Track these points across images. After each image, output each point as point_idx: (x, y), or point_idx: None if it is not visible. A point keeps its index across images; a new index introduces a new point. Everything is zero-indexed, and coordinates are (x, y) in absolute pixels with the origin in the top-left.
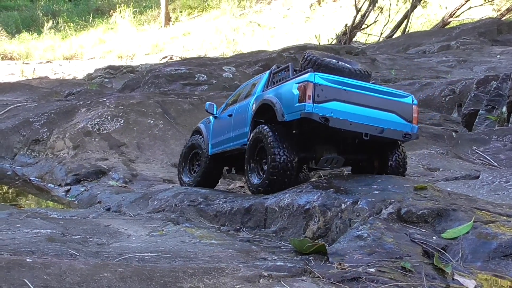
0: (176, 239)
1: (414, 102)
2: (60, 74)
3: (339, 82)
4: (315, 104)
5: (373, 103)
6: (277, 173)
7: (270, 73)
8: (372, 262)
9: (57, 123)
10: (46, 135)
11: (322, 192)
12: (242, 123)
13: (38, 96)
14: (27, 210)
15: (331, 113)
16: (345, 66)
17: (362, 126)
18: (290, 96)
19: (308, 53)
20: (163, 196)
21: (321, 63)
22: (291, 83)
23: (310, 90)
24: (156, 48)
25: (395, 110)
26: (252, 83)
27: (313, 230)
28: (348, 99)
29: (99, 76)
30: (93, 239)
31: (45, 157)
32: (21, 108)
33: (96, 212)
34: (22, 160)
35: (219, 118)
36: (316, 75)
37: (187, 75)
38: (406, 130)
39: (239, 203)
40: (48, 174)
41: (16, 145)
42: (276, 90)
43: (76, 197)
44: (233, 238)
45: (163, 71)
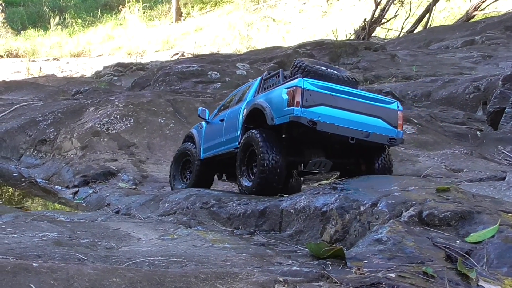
0: (188, 243)
1: (399, 109)
2: (67, 72)
3: (327, 87)
4: (303, 109)
5: (359, 108)
6: (267, 176)
7: (261, 79)
8: (392, 267)
9: (64, 122)
10: (53, 135)
11: (339, 194)
12: (233, 127)
13: (44, 95)
14: (33, 213)
15: (318, 117)
16: (333, 73)
17: (349, 130)
18: (279, 101)
19: (298, 60)
20: (174, 198)
21: (310, 70)
22: (281, 88)
23: (298, 95)
24: (166, 44)
25: (381, 116)
26: (243, 89)
27: (330, 234)
28: (335, 104)
29: (108, 74)
30: (101, 243)
31: (52, 158)
32: (27, 108)
33: (105, 215)
34: (28, 161)
35: (211, 123)
36: (305, 80)
37: (199, 73)
38: (391, 135)
39: (253, 206)
40: (55, 175)
41: (22, 146)
42: (266, 95)
43: (84, 199)
44: (247, 242)
45: (174, 69)
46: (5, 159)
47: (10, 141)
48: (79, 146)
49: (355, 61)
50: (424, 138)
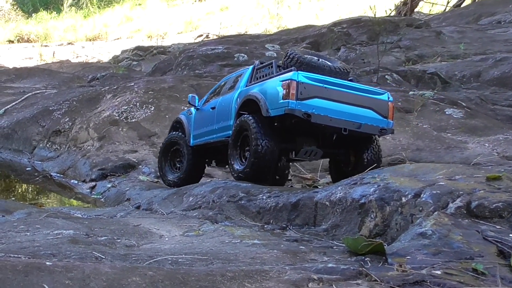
0: (214, 240)
1: (390, 99)
2: (82, 57)
3: (320, 80)
4: (298, 101)
5: (351, 100)
6: (259, 161)
7: (254, 68)
8: (438, 263)
9: (80, 111)
10: (68, 126)
11: (379, 184)
12: (226, 116)
13: (58, 82)
14: (47, 209)
15: (312, 109)
16: (326, 64)
17: (341, 122)
18: (274, 93)
19: (290, 51)
20: (199, 191)
21: (303, 61)
22: (276, 80)
23: (293, 88)
24: (189, 25)
25: (372, 107)
26: (235, 77)
27: (369, 228)
28: (329, 96)
29: (126, 59)
30: (121, 241)
31: (67, 150)
32: (39, 96)
33: (124, 210)
34: (41, 153)
35: (201, 110)
36: (299, 73)
37: (225, 55)
38: (382, 125)
39: (285, 198)
40: (70, 169)
41: (35, 137)
42: (260, 86)
43: (102, 194)
44: (278, 238)
45: (198, 51)
46: (17, 152)
47: (22, 133)
48: (96, 137)
49: (396, 40)
50: (473, 123)
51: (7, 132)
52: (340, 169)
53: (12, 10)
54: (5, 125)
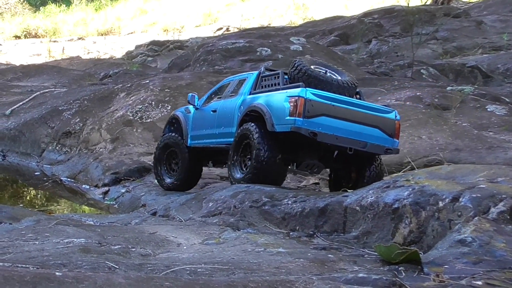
0: (236, 248)
1: (397, 118)
2: (94, 53)
3: (328, 97)
4: (305, 119)
5: (358, 118)
6: (260, 169)
7: (258, 74)
8: (479, 273)
9: (91, 111)
10: (79, 127)
11: (414, 187)
12: (228, 122)
13: (68, 80)
14: (57, 216)
15: (319, 127)
16: (333, 78)
17: (347, 140)
18: (281, 109)
19: (298, 61)
20: (219, 196)
21: (310, 75)
22: (283, 95)
23: (301, 105)
24: (208, 18)
25: (378, 125)
26: (238, 80)
27: (403, 234)
28: (336, 114)
29: (141, 54)
30: (135, 249)
31: (78, 152)
32: (48, 95)
33: (139, 217)
34: (51, 157)
35: (201, 110)
36: (307, 90)
37: (247, 50)
38: (388, 145)
39: (312, 203)
40: (82, 173)
41: (43, 139)
42: (266, 98)
43: (115, 200)
44: (305, 246)
45: (217, 46)
46: (24, 155)
47: (30, 134)
48: (108, 138)
49: (432, 31)
50: None
51: (14, 134)
52: (339, 184)
53: (18, 4)
54: (12, 127)
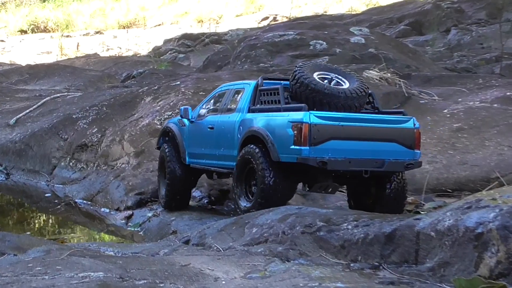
0: (285, 283)
1: (416, 126)
2: (114, 50)
3: (335, 118)
4: (311, 147)
5: (371, 135)
6: (268, 197)
7: (256, 87)
8: None
9: (111, 119)
10: (97, 138)
11: (501, 208)
12: (228, 143)
13: (84, 82)
14: (71, 245)
15: (328, 154)
16: (341, 89)
17: (362, 162)
18: (284, 136)
19: (298, 71)
20: (265, 220)
21: (313, 88)
22: (285, 119)
23: (305, 132)
24: (251, 5)
25: (396, 138)
26: (234, 90)
27: (489, 266)
28: (346, 135)
29: (170, 50)
30: (164, 285)
31: (96, 169)
32: (60, 101)
33: (169, 246)
34: (63, 174)
35: (197, 124)
36: (311, 114)
37: (297, 43)
38: (408, 158)
39: (377, 228)
40: (100, 194)
41: (54, 154)
42: (267, 121)
43: (140, 226)
44: (369, 280)
45: (262, 39)
46: (32, 172)
47: (39, 148)
48: (132, 152)
49: None
50: None
51: (20, 147)
52: (359, 201)
53: None
54: (17, 139)
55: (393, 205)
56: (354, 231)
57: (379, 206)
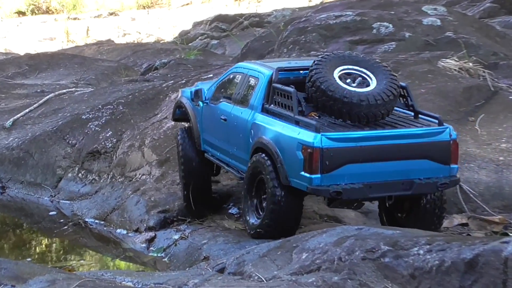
0: None
1: (452, 137)
2: (132, 35)
3: (352, 138)
4: (323, 175)
5: (397, 153)
6: (277, 218)
7: (270, 80)
8: None
9: (129, 121)
10: (111, 143)
11: None
12: (241, 144)
13: (95, 76)
14: (81, 274)
15: (344, 180)
16: (363, 96)
17: (385, 186)
18: (293, 158)
19: (315, 69)
20: (317, 243)
21: (331, 96)
22: (294, 136)
23: (316, 158)
24: None
25: (427, 154)
26: (249, 77)
27: None
28: (365, 157)
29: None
30: None
31: (111, 181)
32: (67, 98)
33: (200, 275)
34: (70, 188)
35: (210, 108)
36: (323, 136)
37: (357, 26)
38: (443, 175)
39: (455, 253)
40: (116, 211)
41: (60, 163)
42: (277, 134)
43: (165, 250)
44: None
45: (313, 21)
46: (33, 186)
47: (41, 156)
48: (155, 161)
49: None
50: None
51: (18, 155)
52: (392, 215)
53: None
54: (14, 145)
55: (429, 221)
56: (426, 257)
57: (413, 222)
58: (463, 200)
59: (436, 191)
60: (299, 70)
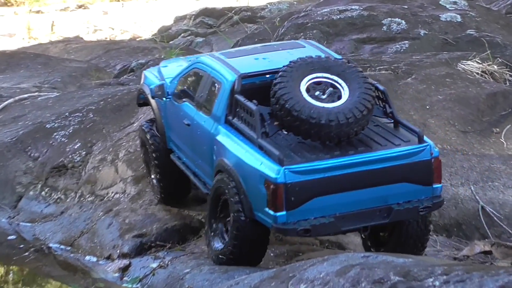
0: None
1: (434, 155)
2: (104, 32)
3: (320, 169)
4: (289, 212)
5: (371, 179)
6: (243, 239)
7: (232, 89)
8: None
9: (101, 131)
10: (80, 157)
11: None
12: (205, 156)
13: (61, 78)
14: None
15: (313, 215)
16: (332, 114)
17: (359, 217)
18: (257, 190)
19: (279, 83)
20: (317, 273)
21: (297, 117)
22: (256, 168)
23: (281, 195)
24: None
25: (406, 177)
26: (212, 79)
27: None
28: (335, 188)
29: (184, 32)
30: None
31: (79, 201)
32: (28, 104)
33: None
34: (33, 208)
35: (173, 106)
36: (287, 170)
37: (365, 22)
38: (425, 196)
39: (476, 285)
40: (85, 236)
41: (20, 179)
42: (238, 161)
43: (141, 281)
44: None
45: (314, 16)
46: None
47: None
48: (130, 177)
49: None
50: None
51: None
52: (377, 239)
53: None
54: None
55: (412, 245)
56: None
57: (395, 245)
58: (486, 224)
59: (418, 217)
60: (264, 74)
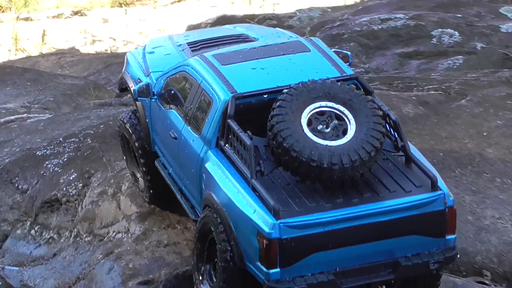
0: None
1: (448, 204)
2: (104, 43)
3: (319, 223)
4: (284, 269)
5: (377, 233)
6: (232, 283)
7: (225, 112)
8: None
9: (100, 159)
10: (76, 190)
11: None
12: (192, 178)
13: (54, 97)
14: None
15: (310, 272)
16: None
17: (362, 272)
18: (248, 241)
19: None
20: None
21: (296, 158)
22: (248, 214)
23: (275, 251)
24: None
25: (416, 229)
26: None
27: None
28: (336, 243)
29: None
30: None
31: (74, 241)
32: (16, 127)
33: None
34: (19, 250)
35: (159, 109)
36: (281, 224)
37: (410, 33)
38: (437, 248)
39: None
40: (81, 282)
41: (5, 215)
42: (229, 202)
43: None
44: None
45: (351, 26)
46: None
47: None
48: (134, 214)
49: None
50: None
51: None
52: None
53: None
54: None
55: None
56: None
57: None
58: None
59: (430, 271)
60: (262, 94)
